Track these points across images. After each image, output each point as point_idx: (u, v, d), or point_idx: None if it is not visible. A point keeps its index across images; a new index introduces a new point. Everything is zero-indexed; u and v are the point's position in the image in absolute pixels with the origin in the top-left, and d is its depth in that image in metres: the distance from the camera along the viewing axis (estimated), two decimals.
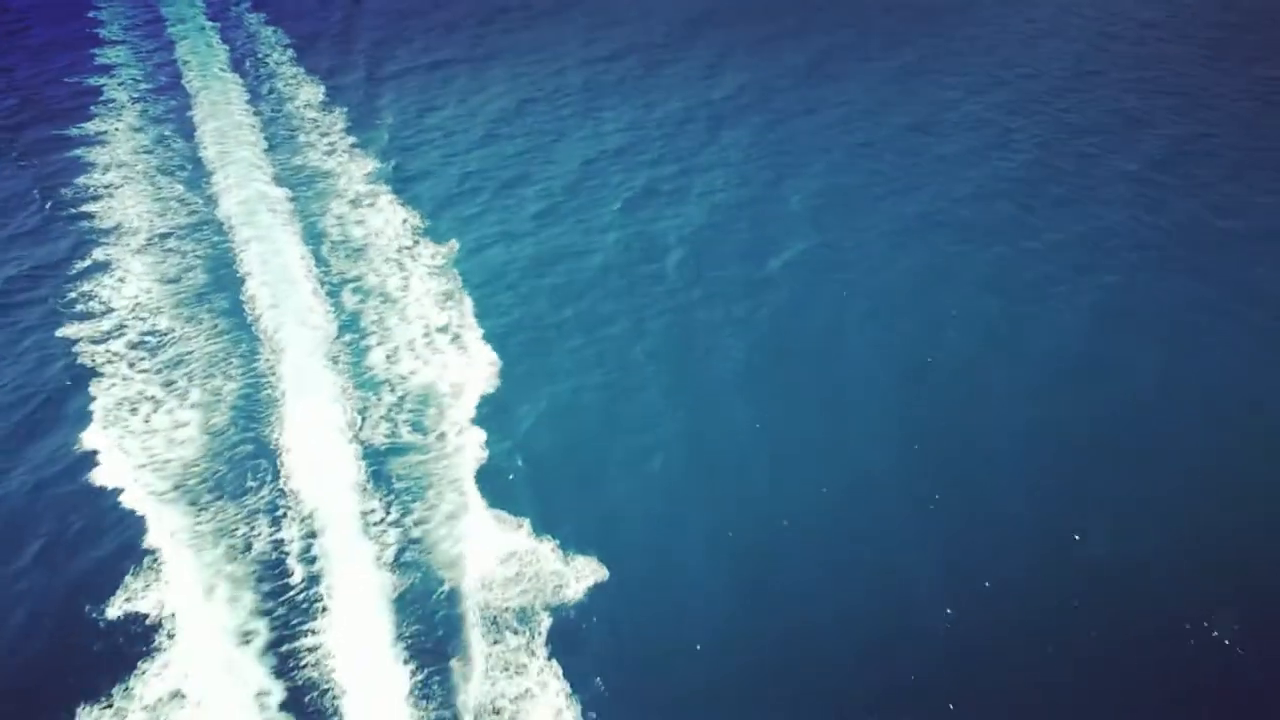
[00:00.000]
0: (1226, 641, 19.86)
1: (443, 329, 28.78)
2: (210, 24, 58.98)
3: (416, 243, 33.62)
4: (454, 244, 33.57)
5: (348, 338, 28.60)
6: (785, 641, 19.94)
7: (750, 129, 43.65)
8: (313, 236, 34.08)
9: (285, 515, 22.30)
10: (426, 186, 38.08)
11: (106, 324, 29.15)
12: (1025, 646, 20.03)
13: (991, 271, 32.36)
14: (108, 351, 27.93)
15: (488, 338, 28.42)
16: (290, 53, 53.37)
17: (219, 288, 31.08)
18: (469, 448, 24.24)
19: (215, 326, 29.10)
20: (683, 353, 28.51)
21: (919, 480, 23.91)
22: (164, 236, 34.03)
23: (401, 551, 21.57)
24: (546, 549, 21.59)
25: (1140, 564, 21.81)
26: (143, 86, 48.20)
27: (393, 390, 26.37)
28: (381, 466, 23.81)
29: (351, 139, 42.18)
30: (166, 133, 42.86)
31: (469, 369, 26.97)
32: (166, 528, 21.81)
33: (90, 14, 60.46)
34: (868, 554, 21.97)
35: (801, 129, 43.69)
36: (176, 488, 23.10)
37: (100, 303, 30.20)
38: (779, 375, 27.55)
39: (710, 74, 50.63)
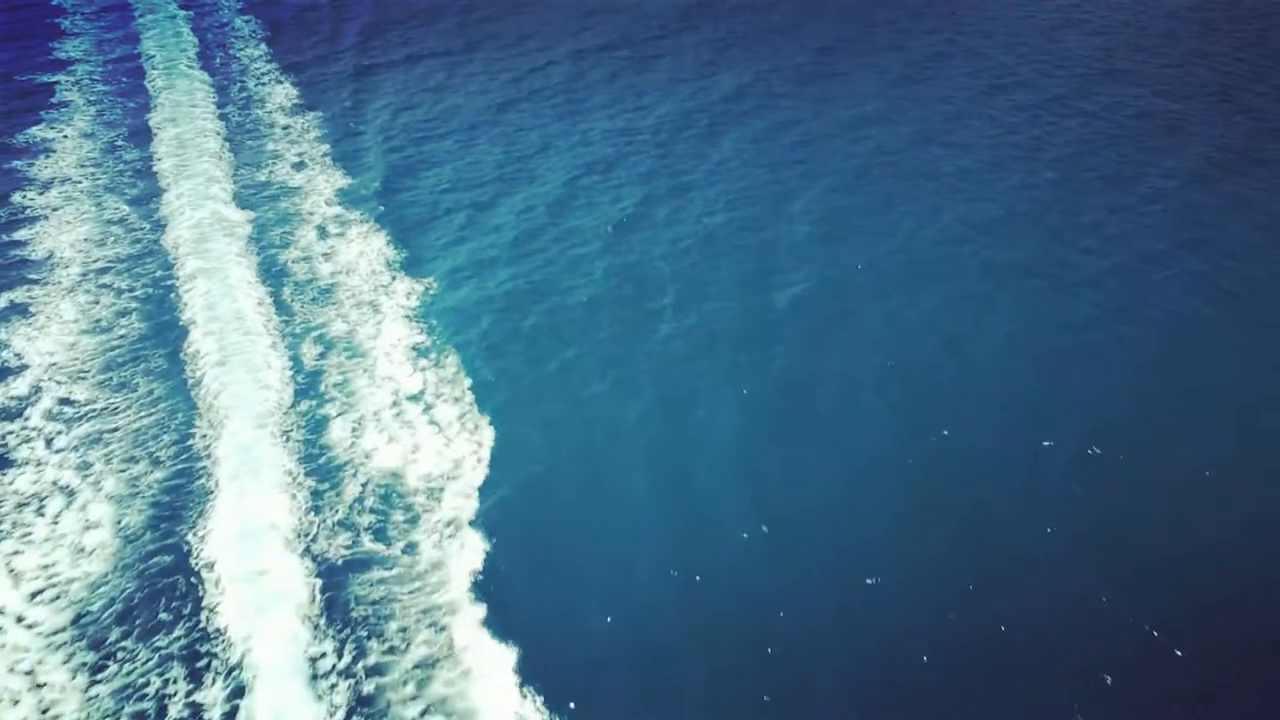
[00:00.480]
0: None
1: (415, 396, 23.42)
2: (182, 12, 52.95)
3: (391, 280, 28.15)
4: (430, 281, 28.16)
5: (304, 406, 23.25)
6: None
7: (751, 136, 38.14)
8: (273, 273, 28.57)
9: (208, 664, 17.12)
10: (401, 208, 32.52)
11: (17, 387, 23.75)
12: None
13: (1022, 315, 27.09)
14: (21, 429, 22.54)
15: (463, 406, 23.08)
16: (264, 46, 47.50)
17: (158, 339, 25.61)
18: (442, 564, 19.03)
19: (150, 392, 23.69)
20: (680, 420, 23.33)
21: (942, 582, 19.16)
22: (101, 271, 28.45)
23: (352, 715, 16.44)
24: (531, 710, 16.49)
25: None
26: (100, 87, 42.33)
27: (355, 477, 21.09)
28: (336, 591, 18.60)
29: (324, 148, 36.55)
30: (120, 141, 37.14)
31: (443, 452, 21.66)
32: (55, 691, 16.60)
33: (53, 1, 54.30)
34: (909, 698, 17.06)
35: (807, 137, 38.15)
36: (76, 621, 17.89)
37: (14, 357, 24.77)
38: (787, 451, 22.40)
39: (708, 71, 44.90)
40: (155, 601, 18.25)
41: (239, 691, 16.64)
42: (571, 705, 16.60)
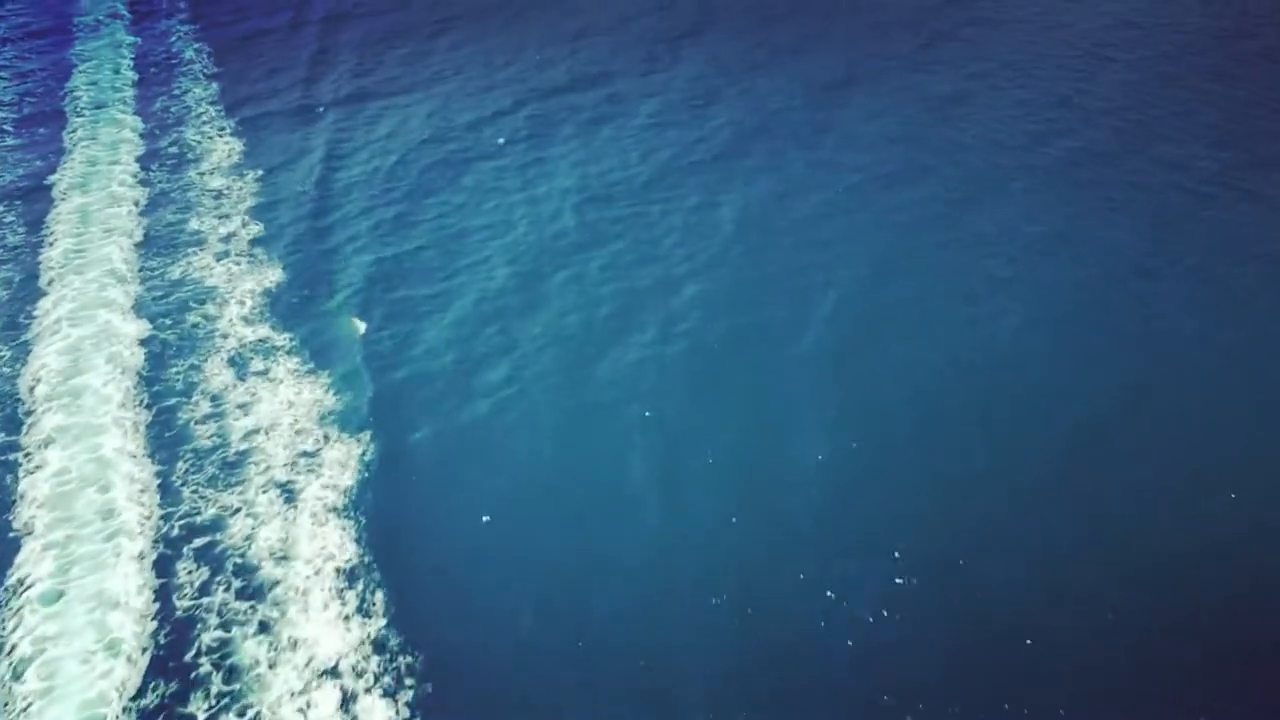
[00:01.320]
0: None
1: (332, 671, 14.19)
2: (128, 39, 42.30)
3: (318, 446, 18.71)
4: (364, 447, 18.78)
5: (158, 694, 13.92)
6: None
7: (756, 207, 28.33)
8: (165, 439, 18.96)
9: None
10: (336, 320, 22.82)
11: None
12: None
13: (1129, 499, 18.53)
14: None
15: (398, 706, 13.82)
16: (214, 85, 37.14)
17: None
18: None
19: None
20: (674, 685, 14.60)
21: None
22: None
23: None
24: None
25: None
26: (7, 140, 31.99)
27: None
28: None
29: (256, 227, 26.70)
30: (9, 216, 27.11)
31: None
32: None
33: None
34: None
35: (824, 207, 28.38)
36: None
37: None
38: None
39: (699, 117, 34.60)
40: None
41: None
42: None
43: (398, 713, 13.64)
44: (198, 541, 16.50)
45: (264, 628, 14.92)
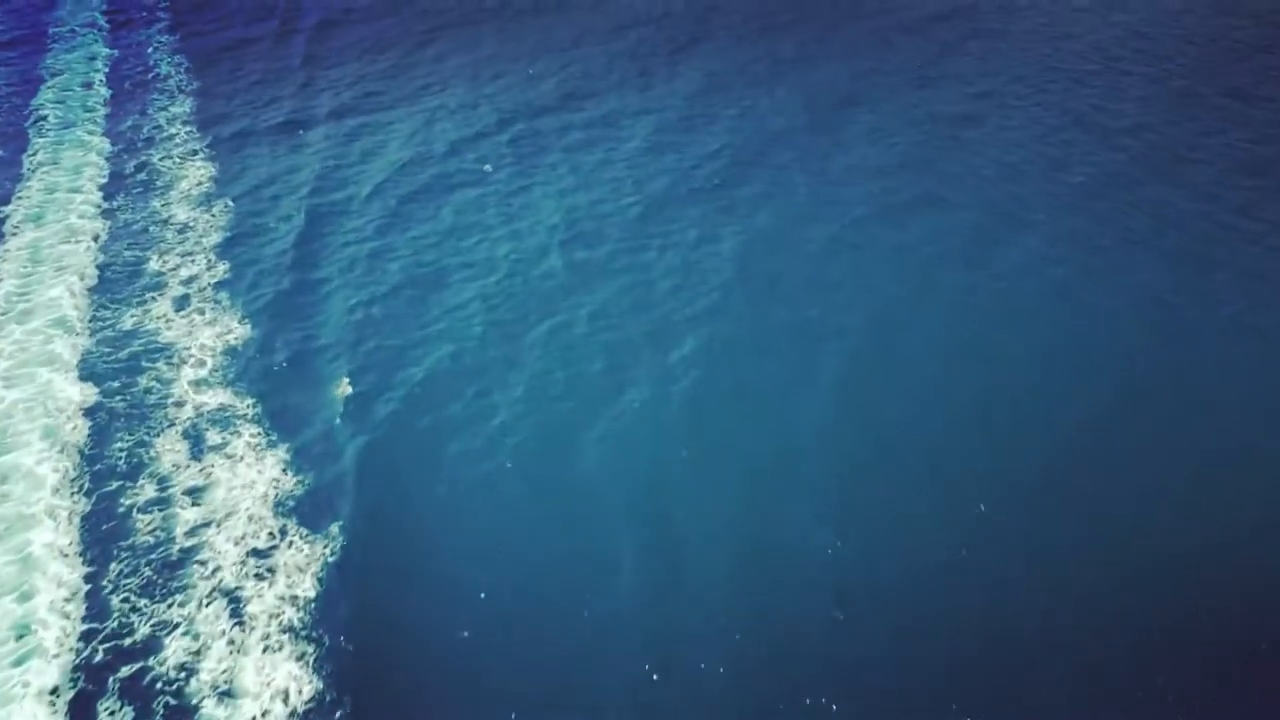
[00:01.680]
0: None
1: None
2: (104, 51, 39.09)
3: (274, 541, 15.94)
4: (326, 539, 15.97)
5: None
6: None
7: (758, 244, 25.38)
8: (100, 533, 16.08)
9: None
10: (302, 382, 19.87)
11: None
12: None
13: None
14: None
15: None
16: (189, 102, 34.05)
17: None
18: None
19: None
20: None
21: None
22: None
23: None
24: None
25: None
26: None
27: None
28: None
29: (221, 267, 23.77)
30: None
31: None
32: None
33: None
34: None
35: (832, 241, 25.51)
36: None
37: None
38: None
39: (695, 138, 31.52)
40: None
41: None
42: None
43: None
44: (125, 670, 13.77)
45: None
